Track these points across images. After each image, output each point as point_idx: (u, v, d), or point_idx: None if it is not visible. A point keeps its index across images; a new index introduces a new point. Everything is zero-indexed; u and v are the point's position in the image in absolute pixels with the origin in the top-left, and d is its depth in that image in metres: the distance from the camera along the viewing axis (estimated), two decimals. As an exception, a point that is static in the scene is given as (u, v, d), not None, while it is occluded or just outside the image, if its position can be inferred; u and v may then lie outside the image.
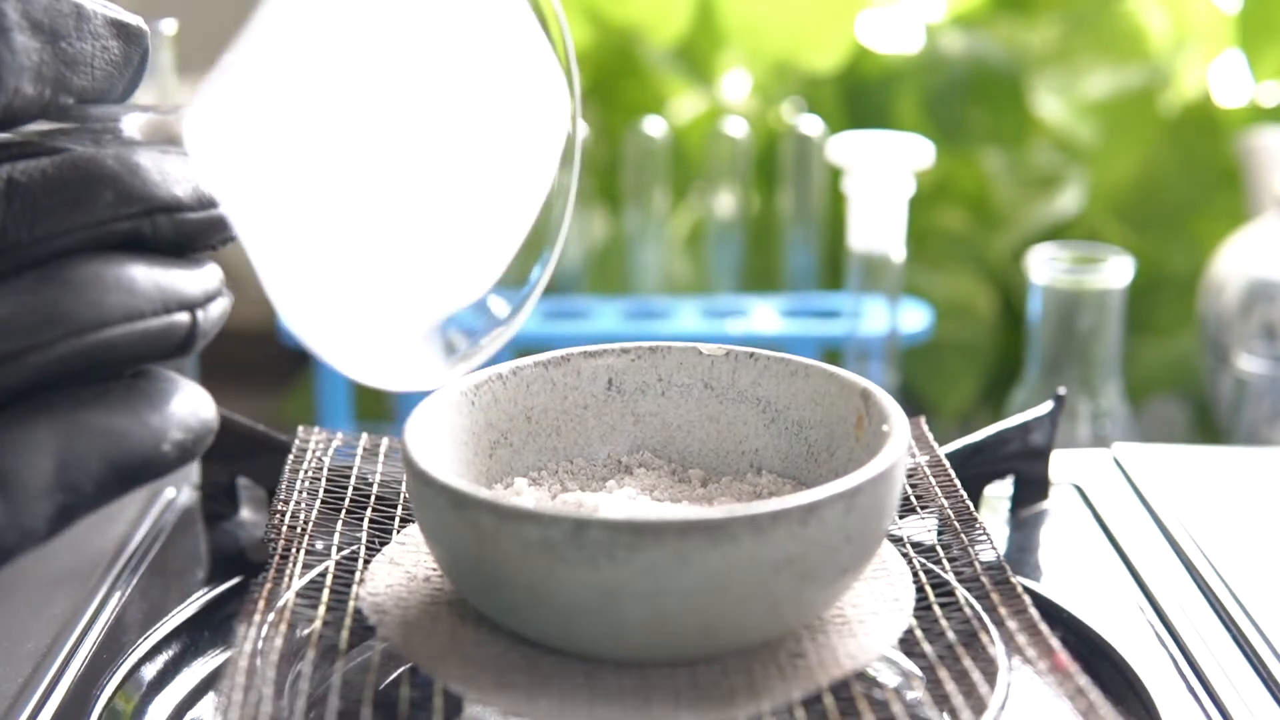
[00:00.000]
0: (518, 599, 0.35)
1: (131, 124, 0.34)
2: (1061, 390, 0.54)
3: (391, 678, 0.39)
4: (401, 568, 0.41)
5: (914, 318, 0.98)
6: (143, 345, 0.31)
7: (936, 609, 0.40)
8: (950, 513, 0.45)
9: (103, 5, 0.34)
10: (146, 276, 0.31)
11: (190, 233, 0.32)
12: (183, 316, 0.31)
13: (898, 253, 0.92)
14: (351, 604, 0.39)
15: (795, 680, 0.36)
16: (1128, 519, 0.53)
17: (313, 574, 0.41)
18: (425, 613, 0.38)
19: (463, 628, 0.38)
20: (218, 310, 0.33)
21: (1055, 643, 0.37)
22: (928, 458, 0.48)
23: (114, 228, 0.31)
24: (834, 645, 0.37)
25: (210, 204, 0.32)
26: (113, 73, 0.34)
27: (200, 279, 0.32)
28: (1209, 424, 1.12)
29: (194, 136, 0.31)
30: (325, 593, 0.40)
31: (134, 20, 0.35)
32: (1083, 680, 0.35)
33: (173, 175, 0.32)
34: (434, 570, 0.40)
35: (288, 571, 0.41)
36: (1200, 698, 0.40)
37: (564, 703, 0.35)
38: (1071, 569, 0.49)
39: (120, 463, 0.30)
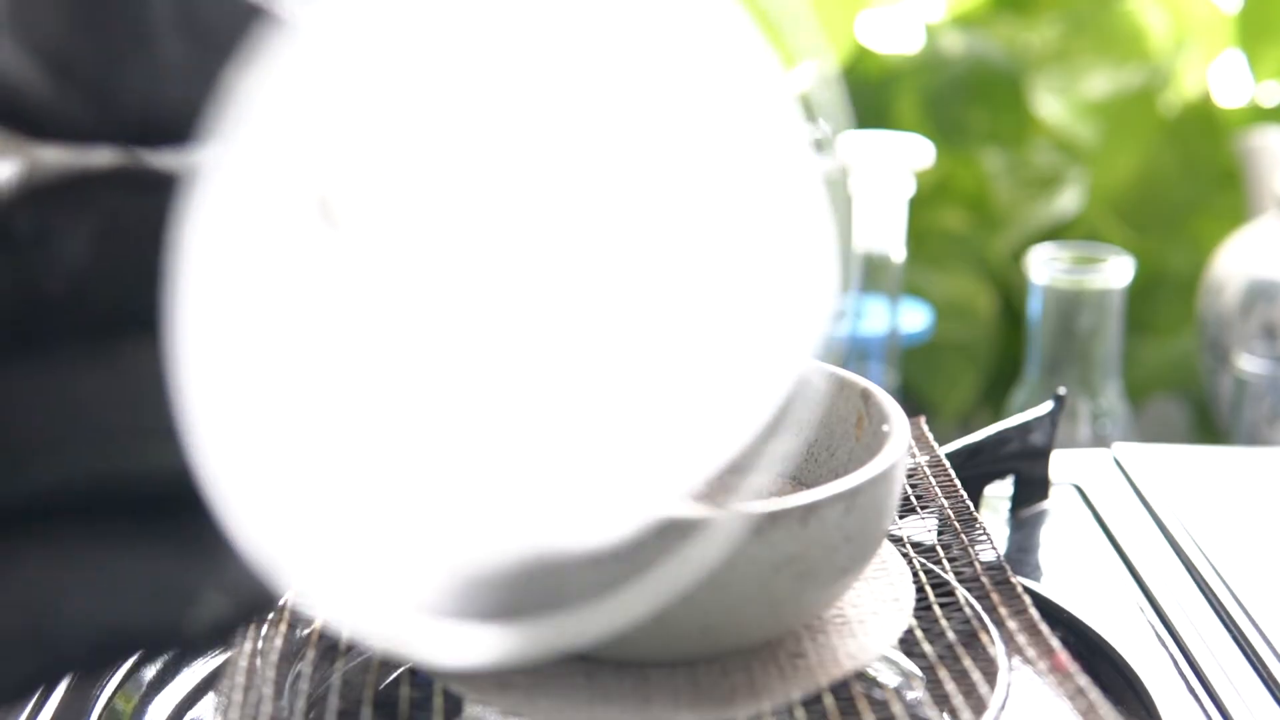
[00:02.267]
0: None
1: None
2: (1061, 390, 0.54)
3: (391, 678, 0.39)
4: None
5: (914, 318, 0.98)
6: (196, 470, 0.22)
7: (936, 609, 0.40)
8: (950, 513, 0.45)
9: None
10: None
11: None
12: None
13: (898, 253, 0.92)
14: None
15: (795, 680, 0.36)
16: (1128, 519, 0.53)
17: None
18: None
19: (463, 628, 0.38)
20: None
21: (1055, 643, 0.37)
22: (928, 458, 0.48)
23: None
24: (834, 645, 0.37)
25: None
26: None
27: None
28: (1209, 424, 1.12)
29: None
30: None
31: None
32: (1083, 680, 0.35)
33: None
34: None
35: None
36: (1200, 697, 0.40)
37: (564, 703, 0.35)
38: (1071, 569, 0.49)
39: (127, 623, 0.22)
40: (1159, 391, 1.17)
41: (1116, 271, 0.89)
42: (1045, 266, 0.90)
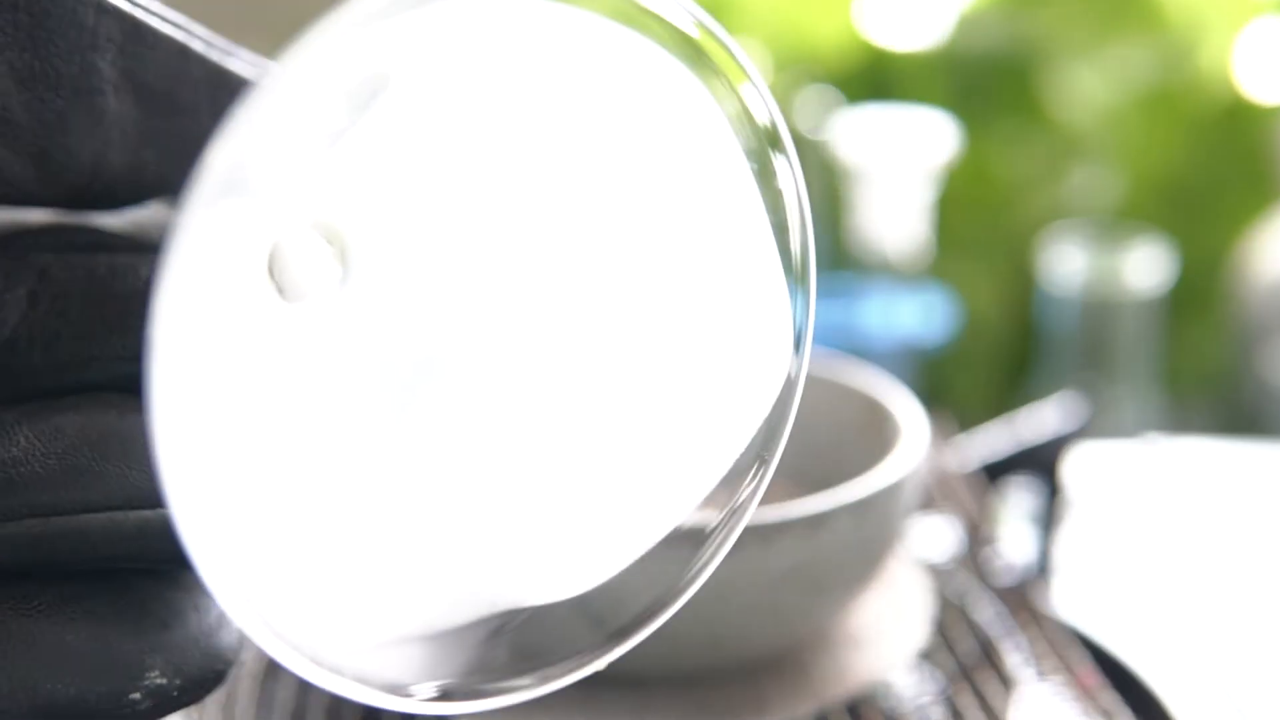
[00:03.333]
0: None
1: None
2: (1085, 387, 0.53)
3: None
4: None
5: (933, 313, 0.97)
6: (135, 544, 0.21)
7: (953, 622, 0.38)
8: (968, 518, 0.43)
9: (262, 75, 0.25)
10: None
11: None
12: None
13: (921, 246, 0.91)
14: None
15: (803, 696, 0.35)
16: (1157, 519, 0.51)
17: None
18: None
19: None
20: None
21: (1078, 659, 0.35)
22: (945, 459, 0.47)
23: None
24: (844, 659, 0.36)
25: None
26: None
27: None
28: (1239, 420, 1.11)
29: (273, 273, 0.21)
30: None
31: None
32: (1108, 700, 0.33)
33: None
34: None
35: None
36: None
37: (560, 718, 0.34)
38: (1095, 575, 0.47)
39: (68, 695, 0.21)
40: (1188, 387, 1.15)
41: (1144, 266, 0.87)
42: (1069, 260, 0.88)
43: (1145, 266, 0.88)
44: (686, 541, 0.24)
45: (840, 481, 0.40)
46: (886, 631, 0.37)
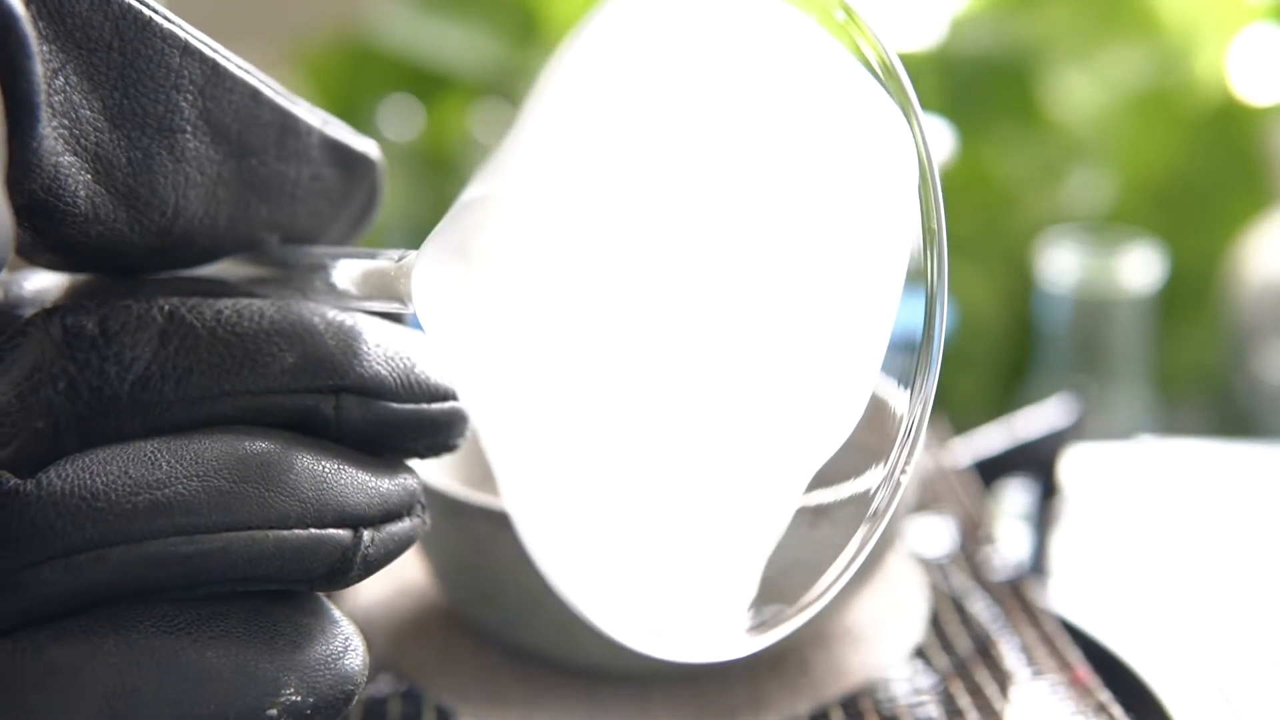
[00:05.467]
0: (514, 609, 0.34)
1: (343, 274, 0.25)
2: (1080, 388, 0.53)
3: (381, 692, 0.38)
4: (391, 578, 0.39)
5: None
6: (274, 564, 0.22)
7: (950, 619, 0.38)
8: (964, 517, 0.43)
9: (323, 121, 0.26)
10: (305, 471, 0.23)
11: (387, 426, 0.24)
12: (341, 534, 0.23)
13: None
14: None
15: (801, 693, 0.35)
16: (1150, 519, 0.51)
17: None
18: (416, 624, 0.37)
19: (455, 641, 0.37)
20: (399, 533, 0.24)
21: (1075, 655, 0.35)
22: (941, 458, 0.47)
23: (284, 401, 0.23)
24: (842, 657, 0.36)
25: (423, 394, 0.25)
26: (320, 208, 0.26)
27: (384, 489, 0.24)
28: (1232, 421, 1.11)
29: (424, 299, 0.23)
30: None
31: (362, 147, 0.27)
32: (1103, 696, 0.33)
33: (381, 347, 0.24)
34: (425, 581, 0.39)
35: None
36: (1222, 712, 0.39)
37: (562, 717, 0.34)
38: (1090, 573, 0.48)
39: (206, 713, 0.22)
40: (1180, 388, 1.15)
41: (1137, 266, 0.88)
42: (1064, 261, 0.88)
43: (1140, 268, 0.88)
44: (850, 512, 0.26)
45: (837, 479, 0.40)
46: (884, 629, 0.37)
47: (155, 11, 0.23)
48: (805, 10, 0.25)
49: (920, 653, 0.37)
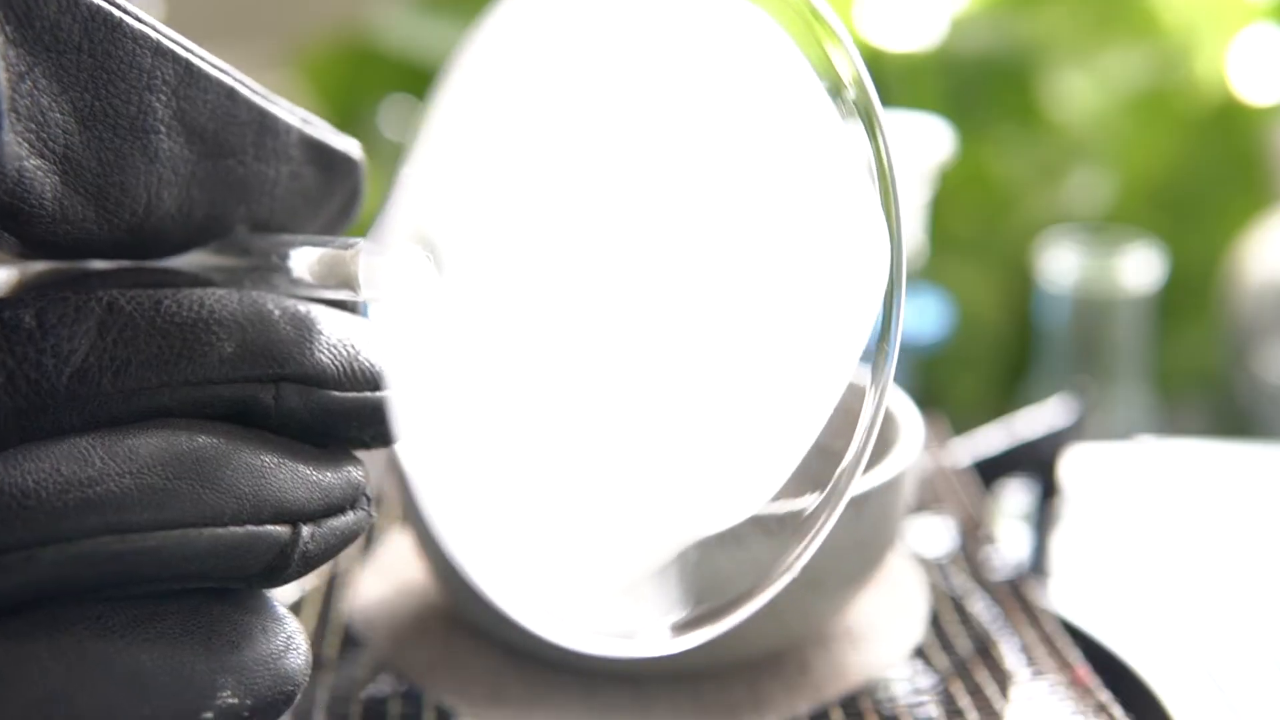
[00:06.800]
0: (513, 609, 0.34)
1: (300, 261, 0.25)
2: (1080, 387, 0.53)
3: (381, 692, 0.38)
4: (391, 578, 0.39)
5: (929, 314, 0.97)
6: (208, 561, 0.22)
7: (950, 619, 0.38)
8: (964, 517, 0.43)
9: (303, 120, 0.26)
10: (243, 466, 0.22)
11: (329, 415, 0.24)
12: (278, 530, 0.22)
13: (917, 246, 0.91)
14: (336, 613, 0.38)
15: (801, 693, 0.35)
16: (1150, 519, 0.51)
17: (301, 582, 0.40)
18: (416, 624, 0.37)
19: (455, 640, 0.36)
20: (341, 528, 0.23)
21: (1075, 655, 0.35)
22: (941, 458, 0.47)
23: (223, 392, 0.23)
24: (842, 657, 0.36)
25: (367, 383, 0.24)
26: (299, 207, 0.26)
27: (325, 482, 0.23)
28: (1232, 421, 1.10)
29: (372, 284, 0.23)
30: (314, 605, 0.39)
31: (343, 146, 0.27)
32: (1104, 696, 0.33)
33: (324, 335, 0.24)
34: (425, 581, 0.39)
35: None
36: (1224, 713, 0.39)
37: (561, 717, 0.34)
38: (1090, 573, 0.48)
39: (142, 717, 0.21)
40: (1181, 388, 1.15)
41: (1137, 267, 0.88)
42: (1063, 261, 0.88)
43: (1140, 268, 0.88)
44: (787, 524, 0.25)
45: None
46: (884, 629, 0.37)
47: (126, 12, 0.23)
48: (764, 7, 0.24)
49: (920, 653, 0.37)
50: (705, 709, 0.34)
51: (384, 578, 0.39)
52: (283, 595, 0.40)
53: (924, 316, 0.96)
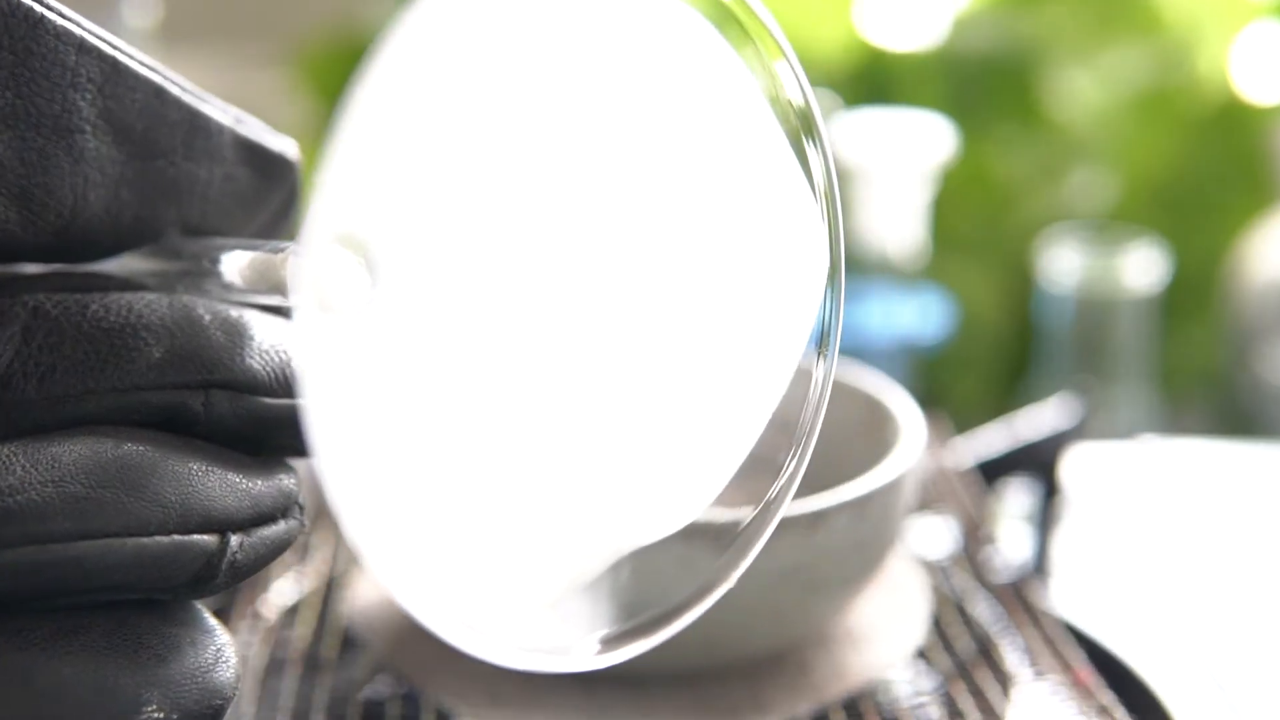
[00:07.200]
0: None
1: (231, 265, 0.24)
2: (1082, 387, 0.53)
3: (380, 693, 0.38)
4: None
5: (935, 312, 0.97)
6: (133, 572, 0.21)
7: (951, 620, 0.38)
8: (965, 517, 0.43)
9: (236, 120, 0.25)
10: (169, 473, 0.22)
11: (259, 422, 0.23)
12: (205, 540, 0.22)
13: (919, 246, 0.90)
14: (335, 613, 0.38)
15: (802, 694, 0.34)
16: (1152, 519, 0.51)
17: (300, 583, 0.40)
18: (415, 625, 0.37)
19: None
20: (271, 537, 0.23)
21: (1076, 656, 0.35)
22: (942, 459, 0.47)
23: (151, 398, 0.22)
24: (843, 658, 0.36)
25: (299, 389, 0.23)
26: (232, 209, 0.25)
27: (255, 490, 0.23)
28: (1234, 421, 1.10)
29: (299, 288, 0.22)
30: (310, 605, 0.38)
31: (278, 146, 0.26)
32: (1105, 697, 0.33)
33: (254, 340, 0.23)
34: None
35: (274, 581, 0.39)
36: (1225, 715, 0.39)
37: (560, 717, 0.34)
38: (1092, 574, 0.47)
39: None
40: (1183, 388, 1.15)
41: (1139, 267, 0.87)
42: (1065, 260, 0.88)
43: (1141, 267, 0.87)
44: (722, 536, 0.25)
45: (838, 481, 0.40)
46: (885, 630, 0.37)
47: (49, 9, 0.22)
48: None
49: (922, 654, 0.37)
50: (706, 709, 0.34)
51: (383, 578, 0.39)
52: (282, 597, 0.40)
53: (925, 316, 0.96)
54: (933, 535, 0.44)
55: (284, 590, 0.40)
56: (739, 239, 0.24)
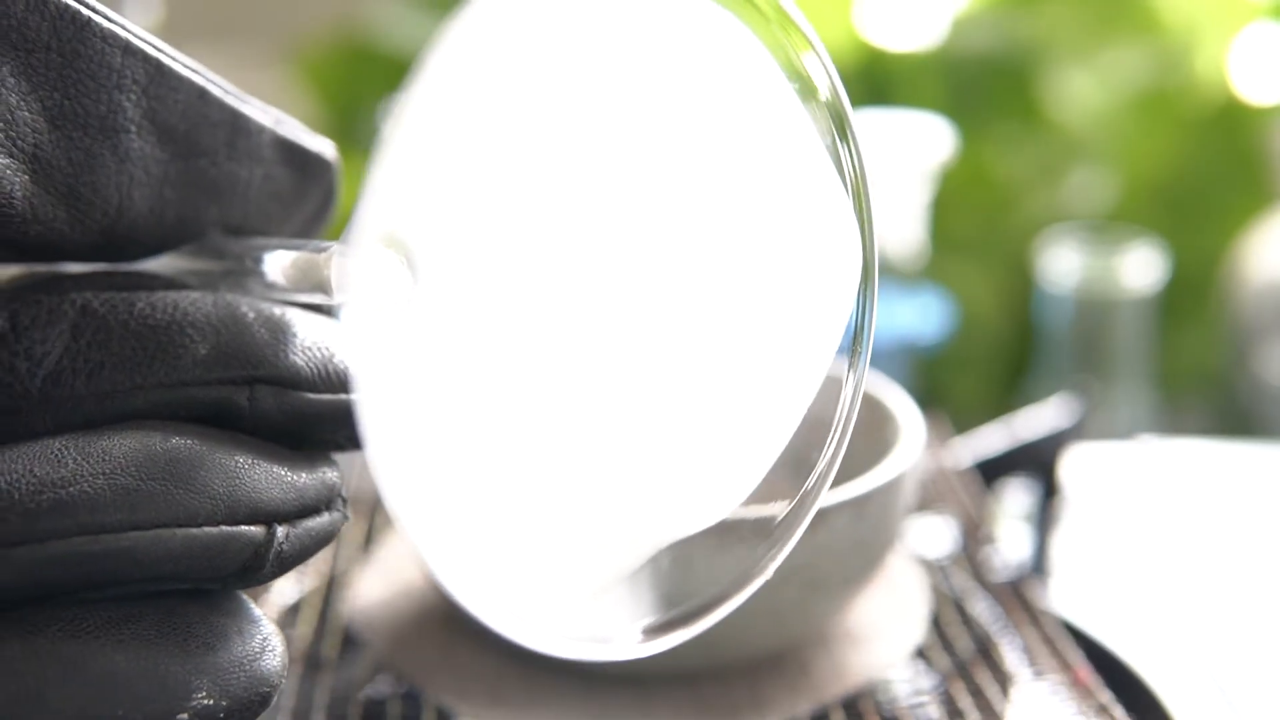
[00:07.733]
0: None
1: (274, 265, 0.25)
2: (1081, 387, 0.53)
3: (380, 693, 0.38)
4: (390, 578, 0.39)
5: (930, 313, 0.97)
6: (182, 562, 0.22)
7: (950, 620, 0.38)
8: (965, 517, 0.43)
9: (275, 121, 0.26)
10: (217, 466, 0.22)
11: (303, 417, 0.24)
12: (253, 531, 0.22)
13: (918, 246, 0.91)
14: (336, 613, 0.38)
15: (802, 694, 0.34)
16: (1151, 519, 0.51)
17: (300, 583, 0.40)
18: (415, 625, 0.37)
19: (455, 641, 0.36)
20: (316, 529, 0.23)
21: (1075, 656, 0.35)
22: (942, 459, 0.47)
23: (198, 394, 0.23)
24: (843, 657, 0.36)
25: (341, 385, 0.24)
26: (272, 208, 0.26)
27: (300, 483, 0.23)
28: (1233, 421, 1.10)
29: (345, 288, 0.22)
30: (312, 605, 0.39)
31: (316, 146, 0.26)
32: (1105, 697, 0.33)
33: (298, 337, 0.24)
34: (425, 581, 0.39)
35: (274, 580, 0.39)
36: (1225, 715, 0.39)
37: (561, 717, 0.34)
38: (1091, 574, 0.47)
39: (115, 718, 0.21)
40: (1183, 388, 1.15)
41: (1138, 267, 0.88)
42: (1065, 261, 0.88)
43: (1141, 267, 0.88)
44: (760, 529, 0.25)
45: (838, 481, 0.40)
46: (885, 629, 0.37)
47: (95, 11, 0.23)
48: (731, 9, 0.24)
49: (921, 653, 0.37)
50: (706, 709, 0.34)
51: (383, 578, 0.39)
52: (282, 597, 0.40)
53: (925, 316, 0.96)
54: (932, 535, 0.44)
55: (285, 589, 0.40)
56: (776, 236, 0.25)
